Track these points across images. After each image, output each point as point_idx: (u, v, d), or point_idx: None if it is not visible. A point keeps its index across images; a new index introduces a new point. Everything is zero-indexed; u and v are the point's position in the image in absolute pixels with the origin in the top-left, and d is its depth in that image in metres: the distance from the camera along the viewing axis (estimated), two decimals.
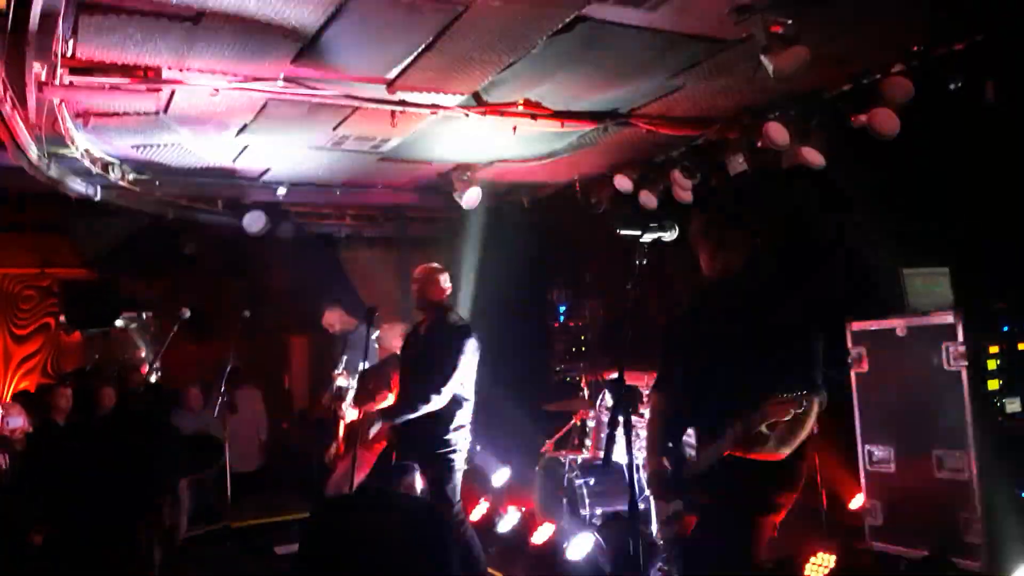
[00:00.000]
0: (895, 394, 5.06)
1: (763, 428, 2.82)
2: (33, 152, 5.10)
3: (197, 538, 6.05)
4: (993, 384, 4.75)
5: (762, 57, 4.23)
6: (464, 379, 4.80)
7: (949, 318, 4.81)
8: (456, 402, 4.77)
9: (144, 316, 9.06)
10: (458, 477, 4.80)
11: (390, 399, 5.51)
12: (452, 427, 4.76)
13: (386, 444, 5.35)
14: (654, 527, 5.73)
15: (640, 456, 4.84)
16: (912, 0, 4.16)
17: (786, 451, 2.94)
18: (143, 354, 8.97)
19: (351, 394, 5.90)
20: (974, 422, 4.66)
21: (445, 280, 4.97)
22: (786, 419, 2.75)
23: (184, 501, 5.50)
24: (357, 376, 5.82)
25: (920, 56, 4.77)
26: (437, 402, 4.64)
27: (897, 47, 4.79)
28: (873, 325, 5.26)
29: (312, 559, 1.17)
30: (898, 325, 5.09)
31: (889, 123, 4.91)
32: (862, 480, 5.35)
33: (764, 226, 3.45)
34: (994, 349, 4.77)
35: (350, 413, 5.79)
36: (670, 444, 3.25)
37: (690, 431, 3.15)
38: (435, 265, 5.08)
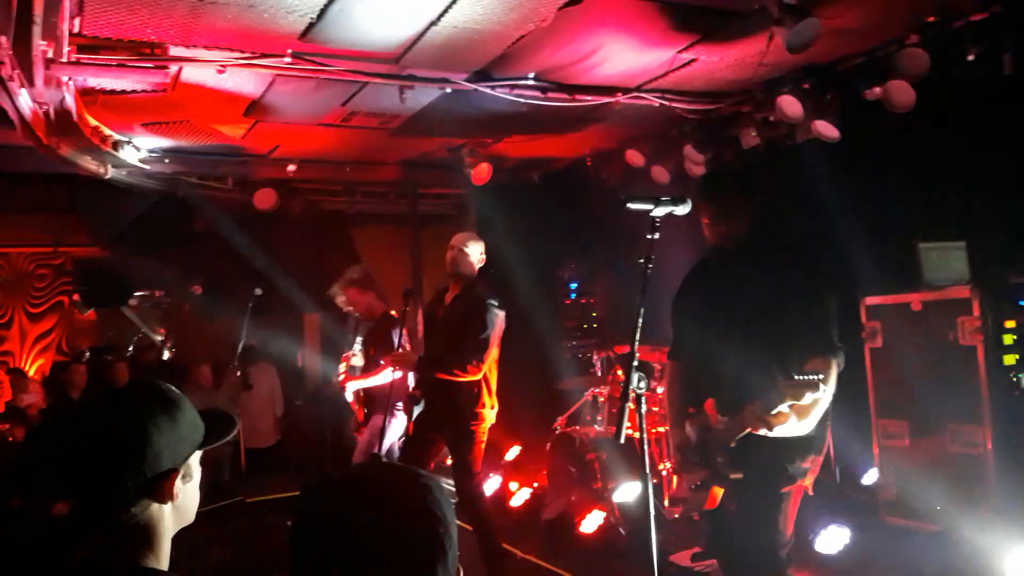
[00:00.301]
0: (909, 369, 5.03)
1: (782, 407, 2.81)
2: (43, 131, 5.09)
3: (211, 513, 6.11)
4: (1009, 359, 4.72)
5: (774, 29, 4.17)
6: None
7: (965, 292, 4.77)
8: (485, 376, 4.77)
9: (156, 294, 9.08)
10: (480, 448, 4.81)
11: (386, 373, 5.49)
12: (480, 399, 4.76)
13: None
14: (665, 500, 5.75)
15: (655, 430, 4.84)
16: None
17: (808, 426, 2.93)
18: (156, 331, 9.02)
19: (342, 367, 5.93)
20: (990, 397, 4.64)
21: (476, 251, 4.92)
22: (803, 401, 2.73)
23: (196, 476, 5.52)
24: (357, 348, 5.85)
25: (936, 27, 4.68)
26: (473, 375, 4.64)
27: (912, 19, 4.70)
28: (888, 300, 5.22)
29: (301, 538, 1.17)
30: (913, 300, 5.05)
31: (905, 95, 4.84)
32: (875, 455, 5.33)
33: (771, 194, 3.43)
34: (1010, 324, 4.73)
35: (351, 385, 5.83)
36: (691, 411, 3.24)
37: (710, 402, 3.15)
38: (470, 234, 5.02)
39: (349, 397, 5.95)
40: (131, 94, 5.28)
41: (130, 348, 8.62)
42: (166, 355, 8.58)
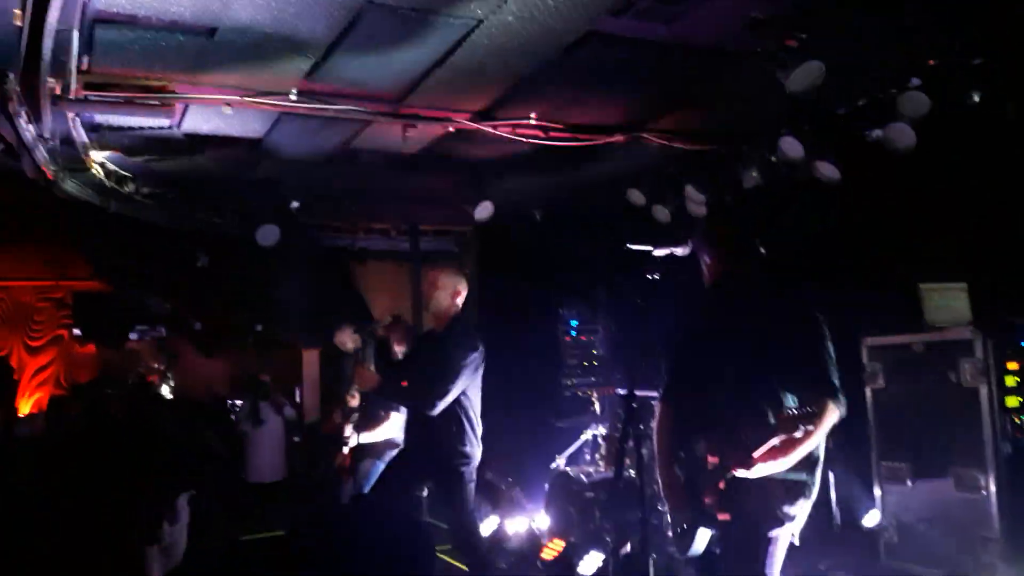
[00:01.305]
0: (911, 411, 5.01)
1: (772, 441, 2.78)
2: (48, 166, 5.13)
3: (204, 551, 6.01)
4: (1012, 401, 4.69)
5: (776, 71, 4.21)
6: (469, 391, 4.78)
7: (967, 334, 4.75)
8: (467, 415, 4.75)
9: (156, 328, 9.08)
10: (470, 488, 4.77)
11: (395, 420, 5.48)
12: (466, 439, 4.74)
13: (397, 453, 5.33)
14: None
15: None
16: (928, 16, 4.12)
17: (789, 464, 2.89)
18: (155, 366, 8.99)
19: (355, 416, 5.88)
20: (993, 440, 4.60)
21: (449, 289, 4.91)
22: (796, 435, 2.70)
23: (183, 516, 5.44)
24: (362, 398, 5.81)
25: (937, 71, 4.73)
26: (429, 411, 4.61)
27: (913, 62, 4.76)
28: (889, 341, 5.21)
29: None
30: (915, 341, 5.04)
31: (905, 138, 4.87)
32: (877, 497, 5.28)
33: (772, 234, 3.41)
34: (1013, 366, 4.71)
35: (354, 438, 5.77)
36: (681, 454, 3.20)
37: (702, 442, 3.11)
38: (450, 272, 5.05)
39: (353, 442, 5.87)
40: (137, 131, 5.33)
41: (128, 382, 8.59)
42: (164, 390, 8.55)
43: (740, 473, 2.89)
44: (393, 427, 5.59)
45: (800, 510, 3.06)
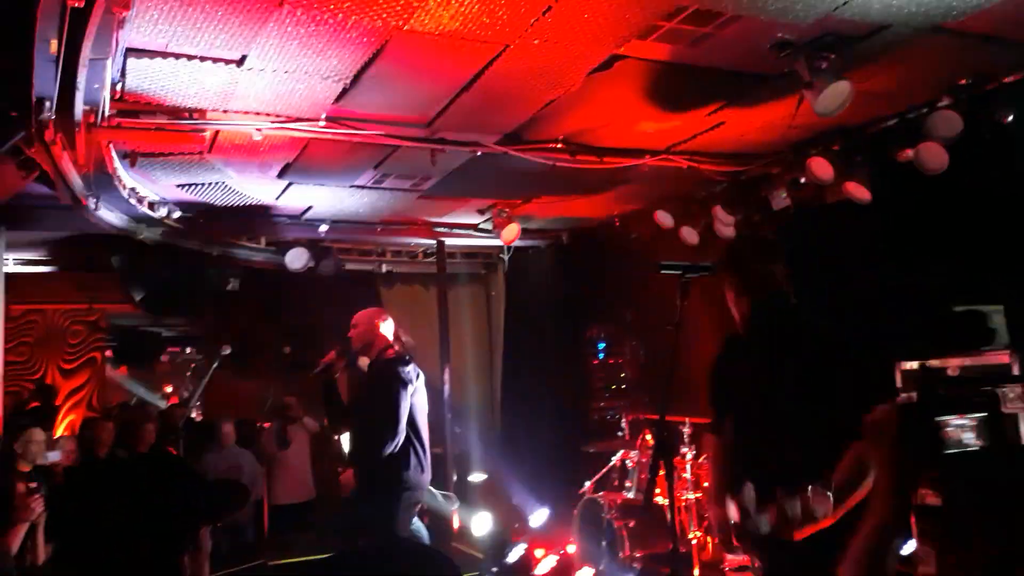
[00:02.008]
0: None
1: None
2: (82, 192, 5.21)
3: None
4: None
5: (805, 92, 4.18)
6: (416, 415, 4.84)
7: (1005, 358, 4.64)
8: (409, 440, 4.78)
9: (187, 351, 9.16)
10: (411, 513, 4.86)
11: None
12: (408, 464, 4.77)
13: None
14: (696, 572, 5.59)
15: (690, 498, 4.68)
16: (958, 35, 4.07)
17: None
18: (185, 389, 9.07)
19: None
20: None
21: (368, 324, 5.06)
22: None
23: (205, 546, 5.48)
24: None
25: (968, 90, 4.67)
26: (391, 448, 4.66)
27: (944, 81, 4.70)
28: (924, 364, 5.09)
29: None
30: (950, 365, 4.92)
31: (937, 158, 4.81)
32: (913, 524, 5.15)
33: (804, 260, 3.31)
34: None
35: None
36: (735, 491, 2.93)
37: (749, 486, 2.93)
38: (374, 311, 5.23)
39: None
40: (169, 155, 5.40)
41: (159, 406, 8.65)
42: (193, 413, 8.61)
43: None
44: None
45: None
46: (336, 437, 5.97)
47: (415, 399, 4.83)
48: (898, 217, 5.33)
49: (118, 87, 4.22)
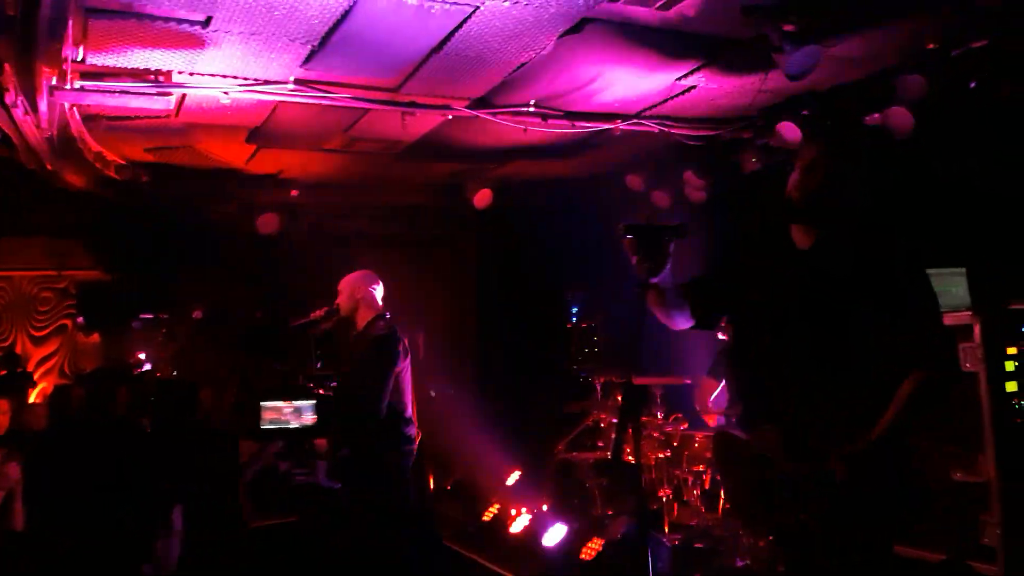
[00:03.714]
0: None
1: None
2: (46, 156, 5.13)
3: (212, 542, 6.04)
4: (1011, 386, 4.68)
5: (775, 56, 4.19)
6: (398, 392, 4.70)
7: (966, 319, 4.74)
8: (395, 416, 4.68)
9: (158, 317, 9.08)
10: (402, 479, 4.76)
11: None
12: (394, 442, 4.70)
13: None
14: (665, 527, 5.72)
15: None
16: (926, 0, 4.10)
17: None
18: (157, 355, 9.02)
19: None
20: (992, 424, 4.60)
21: (349, 291, 4.81)
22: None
23: (176, 527, 5.43)
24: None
25: (936, 54, 4.70)
26: (370, 422, 4.58)
27: (912, 46, 4.73)
28: None
29: None
30: None
31: (904, 121, 4.86)
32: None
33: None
34: (1012, 351, 4.70)
35: None
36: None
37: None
38: (359, 274, 4.93)
39: None
40: (135, 120, 5.33)
41: (130, 371, 8.60)
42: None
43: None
44: None
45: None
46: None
47: (402, 376, 4.71)
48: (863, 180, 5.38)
49: (80, 48, 4.14)
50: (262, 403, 6.28)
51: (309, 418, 6.32)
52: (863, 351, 2.50)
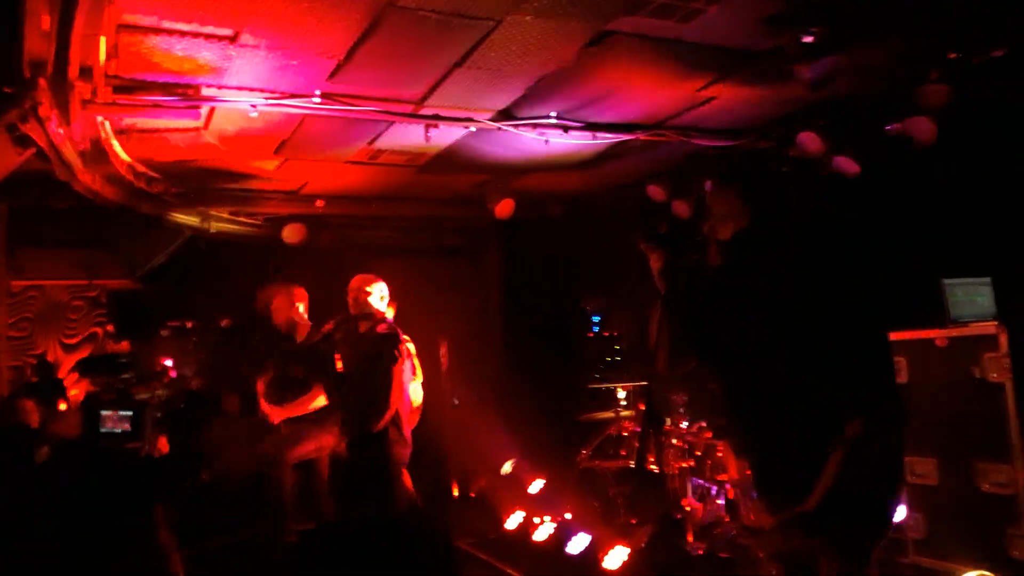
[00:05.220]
0: (936, 405, 4.97)
1: None
2: (78, 168, 5.24)
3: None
4: None
5: (794, 67, 4.21)
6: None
7: (991, 329, 4.71)
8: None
9: (187, 324, 9.20)
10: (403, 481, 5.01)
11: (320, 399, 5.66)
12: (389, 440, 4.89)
13: None
14: (689, 536, 5.70)
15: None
16: (947, 9, 4.09)
17: None
18: (186, 364, 9.13)
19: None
20: (1019, 435, 4.56)
21: (370, 292, 5.08)
22: None
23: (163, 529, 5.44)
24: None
25: (958, 63, 4.69)
26: (377, 422, 4.79)
27: (933, 55, 4.72)
28: (912, 335, 5.17)
29: None
30: (938, 335, 5.00)
31: (926, 130, 4.85)
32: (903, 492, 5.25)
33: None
34: None
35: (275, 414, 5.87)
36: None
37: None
38: (361, 277, 5.20)
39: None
40: (165, 132, 5.43)
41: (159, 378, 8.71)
42: (194, 386, 8.68)
43: None
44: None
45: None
46: None
47: (402, 376, 4.90)
48: (887, 190, 5.37)
49: (112, 63, 4.25)
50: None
51: None
52: (806, 390, 2.57)
